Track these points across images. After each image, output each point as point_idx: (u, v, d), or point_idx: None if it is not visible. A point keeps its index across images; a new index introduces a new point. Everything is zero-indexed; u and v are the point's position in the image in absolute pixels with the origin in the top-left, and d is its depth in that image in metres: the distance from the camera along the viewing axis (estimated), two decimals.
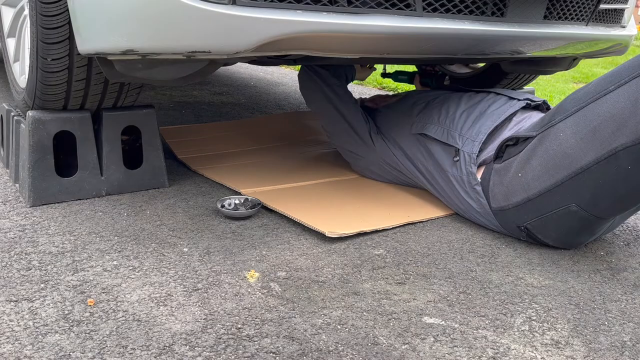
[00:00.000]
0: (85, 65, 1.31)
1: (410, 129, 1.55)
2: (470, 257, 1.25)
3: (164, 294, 1.02)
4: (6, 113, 1.58)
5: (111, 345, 0.87)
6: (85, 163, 1.42)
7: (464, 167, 1.38)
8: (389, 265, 1.18)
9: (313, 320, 0.96)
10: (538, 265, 1.23)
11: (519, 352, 0.92)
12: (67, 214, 1.33)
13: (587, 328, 1.00)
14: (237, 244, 1.24)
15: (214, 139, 2.01)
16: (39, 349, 0.85)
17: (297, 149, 2.01)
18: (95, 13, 1.06)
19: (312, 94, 1.74)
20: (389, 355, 0.89)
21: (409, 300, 1.05)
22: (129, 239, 1.23)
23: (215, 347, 0.88)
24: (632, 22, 1.82)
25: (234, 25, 1.04)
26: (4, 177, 1.56)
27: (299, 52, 1.20)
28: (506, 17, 1.35)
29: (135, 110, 1.49)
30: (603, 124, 1.13)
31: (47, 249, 1.15)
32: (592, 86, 1.19)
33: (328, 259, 1.19)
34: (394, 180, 1.66)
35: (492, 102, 1.49)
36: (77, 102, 1.40)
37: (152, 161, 1.52)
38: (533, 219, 1.26)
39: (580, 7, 1.53)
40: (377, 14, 1.15)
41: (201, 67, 1.24)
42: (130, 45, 1.06)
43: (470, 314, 1.02)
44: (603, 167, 1.13)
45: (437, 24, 1.22)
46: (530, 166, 1.25)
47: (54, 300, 0.98)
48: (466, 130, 1.42)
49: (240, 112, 2.64)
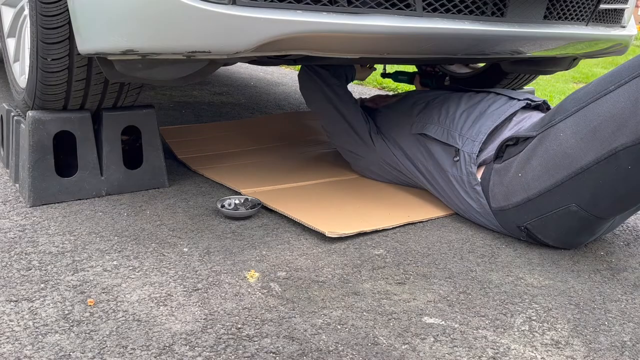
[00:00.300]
0: (85, 65, 1.31)
1: (410, 129, 1.55)
2: (470, 257, 1.25)
3: (164, 294, 1.02)
4: (6, 113, 1.58)
5: (111, 345, 0.87)
6: (85, 163, 1.42)
7: (464, 167, 1.38)
8: (389, 265, 1.18)
9: (313, 320, 0.96)
10: (538, 265, 1.23)
11: (519, 352, 0.92)
12: (67, 214, 1.33)
13: (587, 328, 1.00)
14: (237, 244, 1.24)
15: (214, 139, 2.01)
16: (39, 349, 0.85)
17: (297, 149, 2.01)
18: (95, 13, 1.06)
19: (312, 94, 1.74)
20: (389, 355, 0.89)
21: (409, 300, 1.05)
22: (129, 239, 1.23)
23: (215, 347, 0.88)
24: (632, 22, 1.82)
25: (234, 25, 1.04)
26: (4, 177, 1.56)
27: (299, 52, 1.20)
28: (506, 17, 1.35)
29: (135, 110, 1.49)
30: (603, 124, 1.13)
31: (47, 249, 1.16)
32: (592, 86, 1.19)
33: (328, 259, 1.19)
34: (394, 180, 1.66)
35: (492, 102, 1.49)
36: (77, 102, 1.40)
37: (152, 161, 1.52)
38: (533, 219, 1.27)
39: (580, 7, 1.53)
40: (377, 14, 1.15)
41: (201, 67, 1.24)
42: (130, 45, 1.06)
43: (470, 314, 1.02)
44: (603, 167, 1.13)
45: (437, 24, 1.22)
46: (531, 166, 1.25)
47: (54, 300, 0.98)
48: (466, 130, 1.42)
49: (240, 112, 2.64)
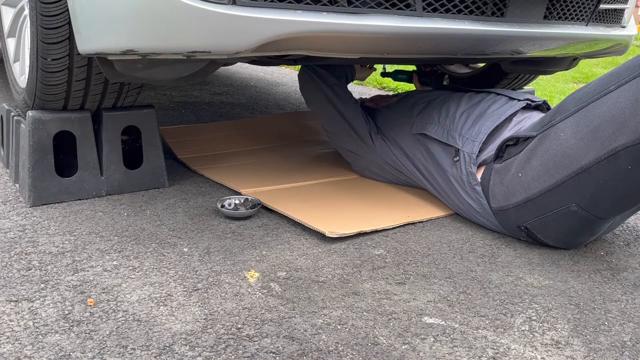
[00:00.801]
0: (85, 65, 1.31)
1: (411, 129, 1.55)
2: (470, 257, 1.25)
3: (164, 294, 1.02)
4: (6, 113, 1.58)
5: (111, 345, 0.87)
6: (85, 163, 1.42)
7: (463, 167, 1.38)
8: (389, 265, 1.18)
9: (313, 320, 0.96)
10: (538, 265, 1.23)
11: (519, 352, 0.92)
12: (67, 214, 1.33)
13: (587, 328, 1.00)
14: (237, 244, 1.24)
15: (213, 139, 2.01)
16: (39, 349, 0.85)
17: (297, 149, 2.01)
18: (96, 13, 1.06)
19: (312, 94, 1.74)
20: (389, 355, 0.89)
21: (409, 300, 1.05)
22: (129, 239, 1.23)
23: (215, 347, 0.88)
24: (632, 22, 1.82)
25: (234, 25, 1.04)
26: (4, 177, 1.56)
27: (299, 52, 1.20)
28: (506, 17, 1.35)
29: (135, 110, 1.49)
30: (603, 123, 1.13)
31: (47, 249, 1.15)
32: (592, 86, 1.19)
33: (328, 259, 1.19)
34: (394, 180, 1.66)
35: (492, 102, 1.49)
36: (77, 102, 1.40)
37: (152, 161, 1.52)
38: (533, 219, 1.26)
39: (580, 7, 1.53)
40: (377, 14, 1.15)
41: (201, 67, 1.24)
42: (131, 45, 1.06)
43: (470, 314, 1.02)
44: (603, 167, 1.13)
45: (437, 24, 1.22)
46: (531, 166, 1.25)
47: (54, 300, 0.98)
48: (466, 131, 1.42)
49: (240, 112, 2.64)
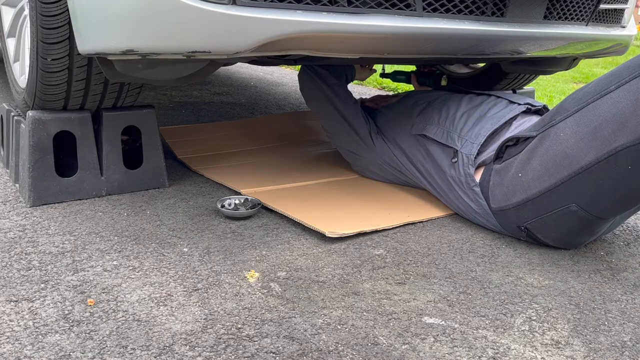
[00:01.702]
0: (85, 65, 1.31)
1: (411, 130, 1.55)
2: (470, 257, 1.25)
3: (164, 294, 1.02)
4: (6, 113, 1.58)
5: (111, 345, 0.87)
6: (85, 163, 1.42)
7: (461, 169, 1.38)
8: (389, 265, 1.18)
9: (313, 320, 0.96)
10: (538, 265, 1.23)
11: (519, 352, 0.92)
12: (67, 214, 1.33)
13: (587, 328, 1.00)
14: (237, 244, 1.24)
15: (213, 139, 2.01)
16: (39, 349, 0.85)
17: (297, 149, 2.01)
18: (96, 13, 1.06)
19: (312, 94, 1.74)
20: (389, 355, 0.89)
21: (409, 300, 1.05)
22: (129, 239, 1.23)
23: (215, 347, 0.88)
24: (632, 22, 1.82)
25: (234, 25, 1.04)
26: (4, 177, 1.56)
27: (299, 52, 1.20)
28: (506, 17, 1.35)
29: (135, 110, 1.49)
30: (603, 123, 1.13)
31: (47, 249, 1.15)
32: (592, 86, 1.19)
33: (328, 259, 1.19)
34: (394, 180, 1.66)
35: (492, 105, 1.49)
36: (77, 102, 1.40)
37: (152, 161, 1.52)
38: (533, 219, 1.26)
39: (580, 7, 1.53)
40: (377, 14, 1.15)
41: (201, 67, 1.24)
42: (131, 45, 1.06)
43: (470, 314, 1.02)
44: (603, 167, 1.13)
45: (437, 24, 1.22)
46: (531, 166, 1.25)
47: (54, 300, 0.98)
48: (466, 132, 1.42)
49: (240, 112, 2.64)
